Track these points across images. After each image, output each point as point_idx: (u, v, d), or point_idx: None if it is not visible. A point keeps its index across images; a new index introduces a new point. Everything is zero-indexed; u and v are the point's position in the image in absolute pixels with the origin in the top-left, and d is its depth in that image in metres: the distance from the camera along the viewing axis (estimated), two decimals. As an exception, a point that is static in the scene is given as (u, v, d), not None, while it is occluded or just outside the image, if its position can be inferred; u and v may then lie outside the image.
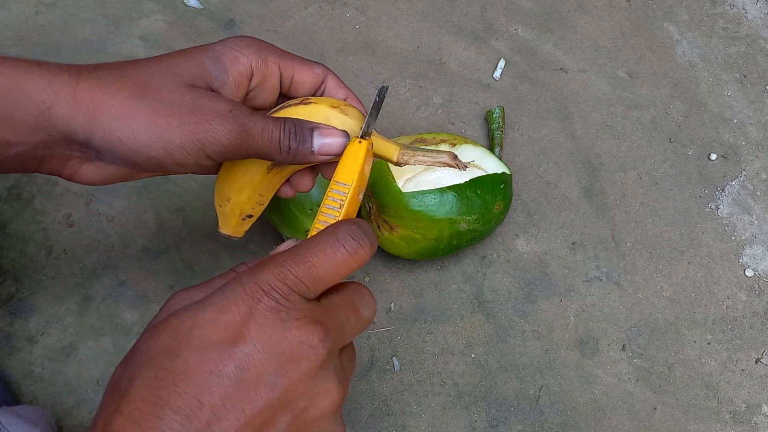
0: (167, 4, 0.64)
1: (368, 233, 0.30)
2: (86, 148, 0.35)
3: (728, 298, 0.59)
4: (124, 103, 0.34)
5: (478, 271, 0.58)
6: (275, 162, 0.38)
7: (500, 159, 0.56)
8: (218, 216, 0.43)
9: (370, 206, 0.54)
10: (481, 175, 0.52)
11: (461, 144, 0.53)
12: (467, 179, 0.51)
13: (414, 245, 0.52)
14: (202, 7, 0.65)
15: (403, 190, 0.50)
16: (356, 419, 0.54)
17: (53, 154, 0.35)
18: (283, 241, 0.56)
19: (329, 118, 0.38)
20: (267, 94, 0.40)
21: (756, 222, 0.61)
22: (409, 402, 0.55)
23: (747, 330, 0.58)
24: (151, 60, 0.37)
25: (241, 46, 0.38)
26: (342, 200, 0.34)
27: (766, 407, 0.56)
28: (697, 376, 0.56)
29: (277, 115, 0.39)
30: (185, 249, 0.58)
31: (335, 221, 0.34)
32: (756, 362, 0.57)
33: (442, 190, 0.50)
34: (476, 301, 0.58)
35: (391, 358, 0.56)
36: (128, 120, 0.33)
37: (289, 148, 0.36)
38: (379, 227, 0.53)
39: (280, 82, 0.40)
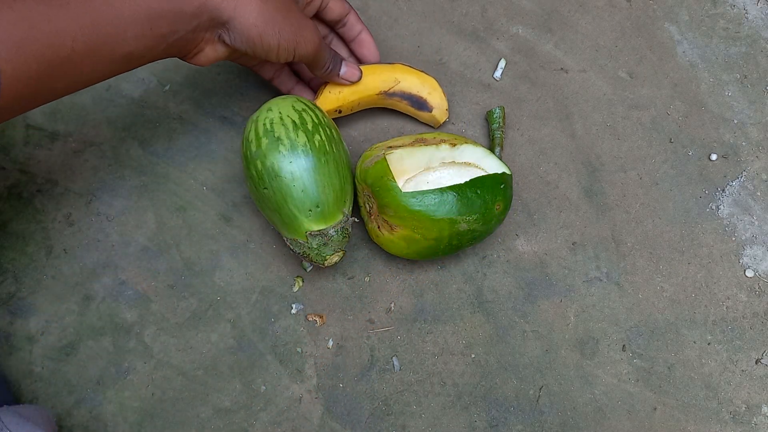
0: (167, 3, 0.64)
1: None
2: (220, 30, 0.47)
3: (728, 299, 0.59)
4: (259, 2, 0.47)
5: (478, 271, 0.58)
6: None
7: (500, 159, 0.56)
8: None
9: (370, 206, 0.54)
10: (481, 175, 0.52)
11: (461, 144, 0.53)
12: (467, 179, 0.51)
13: (414, 245, 0.52)
14: (202, 7, 0.65)
15: (403, 190, 0.50)
16: (356, 419, 0.54)
17: (194, 37, 0.46)
18: (283, 240, 0.56)
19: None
20: (310, 9, 0.55)
21: (756, 222, 0.61)
22: (409, 402, 0.55)
23: (747, 330, 0.58)
24: None
25: None
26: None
27: (766, 408, 0.56)
28: (697, 376, 0.56)
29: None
30: (185, 249, 0.58)
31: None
32: (756, 363, 0.57)
33: (442, 190, 0.50)
34: (476, 301, 0.58)
35: (391, 358, 0.56)
36: (261, 12, 0.47)
37: (328, 67, 0.55)
38: (379, 227, 0.53)
39: (320, 4, 0.55)
